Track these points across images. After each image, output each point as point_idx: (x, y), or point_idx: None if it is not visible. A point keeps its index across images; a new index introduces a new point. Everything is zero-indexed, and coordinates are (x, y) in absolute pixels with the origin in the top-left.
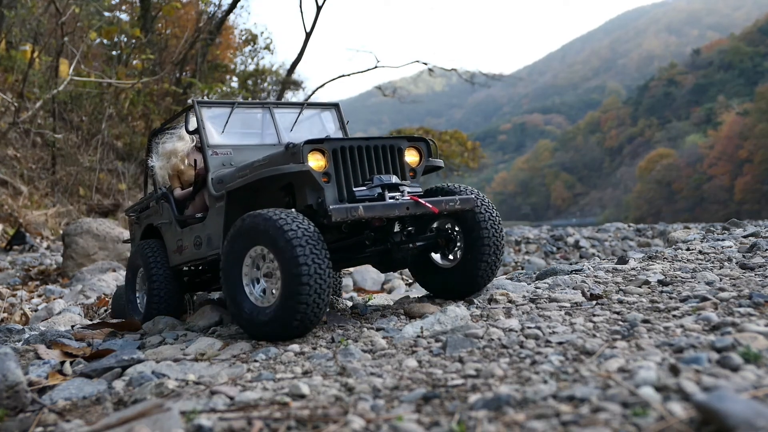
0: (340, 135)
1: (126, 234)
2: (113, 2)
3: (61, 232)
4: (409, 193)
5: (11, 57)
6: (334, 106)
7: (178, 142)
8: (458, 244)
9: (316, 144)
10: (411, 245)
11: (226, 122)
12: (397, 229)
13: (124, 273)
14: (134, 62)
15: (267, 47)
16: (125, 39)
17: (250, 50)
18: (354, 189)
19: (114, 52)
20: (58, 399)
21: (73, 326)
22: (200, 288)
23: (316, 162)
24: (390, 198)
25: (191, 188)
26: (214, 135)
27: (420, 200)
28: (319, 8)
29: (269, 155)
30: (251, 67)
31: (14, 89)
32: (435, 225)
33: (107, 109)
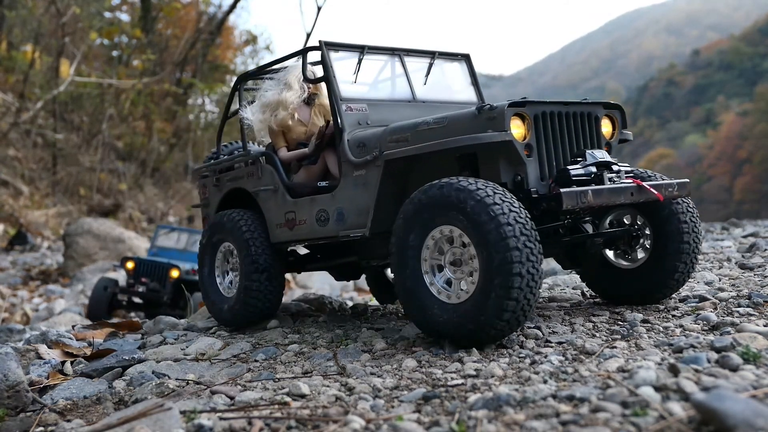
0: (472, 91)
1: (127, 234)
2: (114, 3)
3: (61, 232)
4: (627, 174)
5: (12, 57)
6: (464, 57)
7: (287, 92)
8: (642, 240)
9: (518, 107)
10: (598, 239)
11: (357, 71)
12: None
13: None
14: (135, 63)
15: (267, 47)
16: (126, 39)
17: (250, 50)
18: (567, 167)
19: (114, 53)
20: (58, 399)
21: (73, 326)
22: (294, 270)
23: (516, 130)
24: (608, 180)
25: (301, 149)
26: (346, 86)
27: (644, 184)
28: (319, 9)
29: (445, 117)
30: (251, 68)
31: (15, 90)
32: (611, 217)
33: (108, 109)
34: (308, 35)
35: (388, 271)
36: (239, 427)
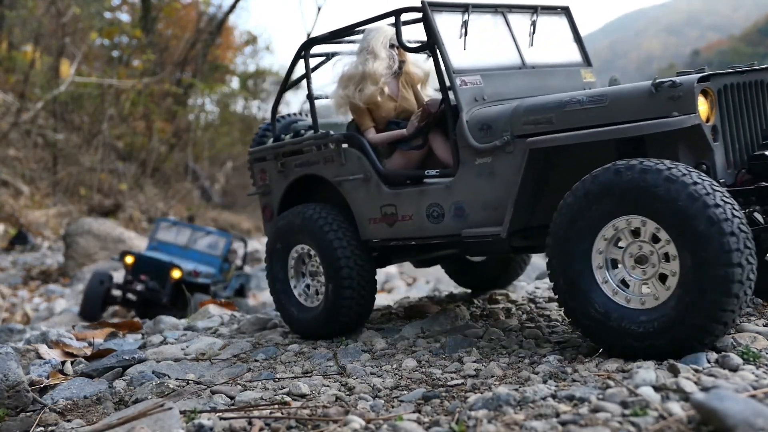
0: (576, 50)
1: (127, 234)
2: (114, 3)
3: (62, 232)
4: None
5: (12, 58)
6: (564, 10)
7: (374, 62)
8: None
9: (704, 82)
10: None
11: (464, 35)
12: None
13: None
14: (135, 63)
15: (267, 48)
16: (126, 39)
17: (250, 51)
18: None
19: (115, 53)
20: (59, 398)
21: (74, 326)
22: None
23: (701, 107)
24: None
25: (393, 129)
26: (456, 54)
27: None
28: (319, 9)
29: (604, 94)
30: (251, 68)
31: (15, 90)
32: None
33: (108, 109)
34: (308, 35)
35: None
36: (239, 427)
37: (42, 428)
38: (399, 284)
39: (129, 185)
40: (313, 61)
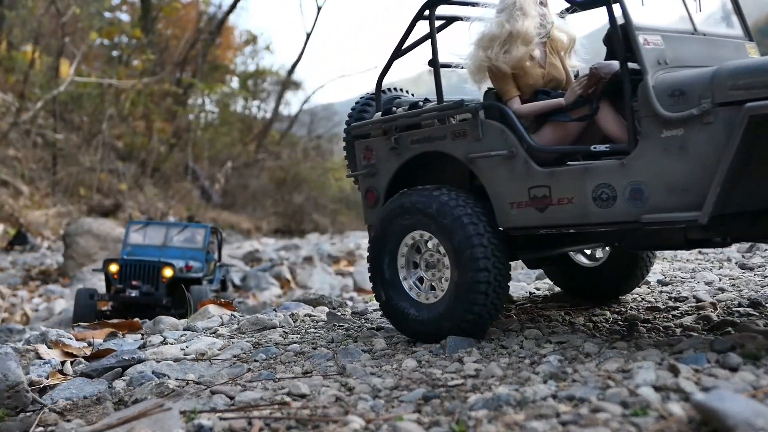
0: (737, 23)
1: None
2: (114, 3)
3: (61, 232)
4: None
5: (12, 57)
6: None
7: (525, 21)
8: None
9: None
10: None
11: None
12: None
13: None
14: (135, 63)
15: (267, 47)
16: (126, 39)
17: (250, 50)
18: None
19: (114, 53)
20: (58, 399)
21: (73, 326)
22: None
23: None
24: None
25: (542, 99)
26: (634, 10)
27: None
28: (319, 9)
29: None
30: (251, 68)
31: (15, 90)
32: None
33: (108, 109)
34: (308, 35)
35: (580, 256)
36: (239, 427)
37: (42, 428)
38: None
39: (129, 185)
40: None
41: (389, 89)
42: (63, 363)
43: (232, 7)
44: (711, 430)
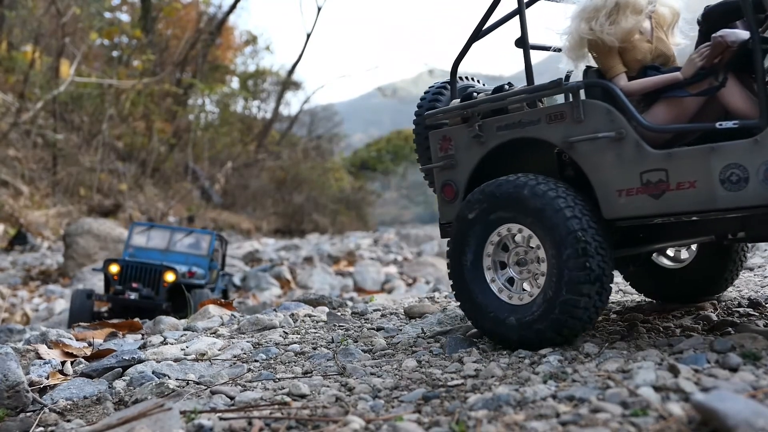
0: None
1: (127, 234)
2: (114, 3)
3: (61, 232)
4: None
5: (12, 58)
6: None
7: None
8: None
9: None
10: None
11: None
12: None
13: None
14: (135, 63)
15: (267, 48)
16: (126, 40)
17: (250, 51)
18: None
19: (115, 53)
20: (58, 399)
21: (74, 326)
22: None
23: None
24: None
25: (652, 75)
26: None
27: None
28: (319, 9)
29: None
30: (251, 68)
31: (15, 90)
32: None
33: (108, 109)
34: (308, 35)
35: (663, 258)
36: (239, 427)
37: (42, 428)
38: (399, 284)
39: (129, 185)
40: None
41: (461, 78)
42: (63, 363)
43: (232, 7)
44: (711, 430)
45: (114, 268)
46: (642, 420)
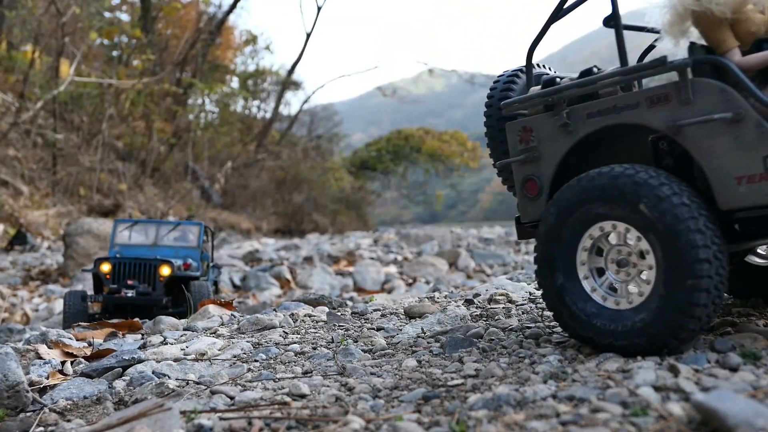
0: None
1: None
2: (114, 3)
3: (61, 232)
4: None
5: (12, 57)
6: None
7: None
8: None
9: None
10: None
11: None
12: None
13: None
14: (135, 63)
15: (267, 47)
16: (126, 39)
17: (250, 51)
18: None
19: (114, 53)
20: (58, 399)
21: (73, 326)
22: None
23: None
24: None
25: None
26: None
27: None
28: (319, 9)
29: None
30: (251, 68)
31: (15, 90)
32: None
33: (108, 109)
34: (308, 35)
35: (754, 256)
36: (239, 427)
37: (42, 428)
38: (399, 284)
39: (129, 185)
40: None
41: (539, 64)
42: (63, 363)
43: (232, 7)
44: (711, 430)
45: (106, 267)
46: (642, 420)
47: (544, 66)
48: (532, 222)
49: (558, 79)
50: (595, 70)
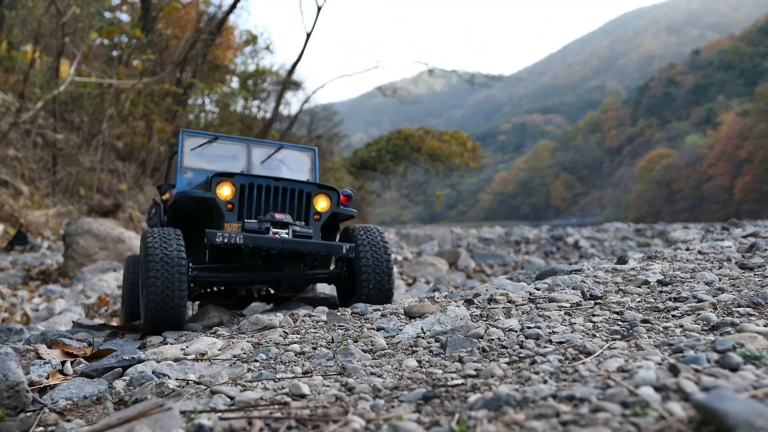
0: None
1: (127, 234)
2: (114, 3)
3: (61, 232)
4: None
5: (12, 57)
6: None
7: None
8: None
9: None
10: None
11: None
12: None
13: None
14: (135, 63)
15: (267, 47)
16: (126, 39)
17: (250, 50)
18: None
19: (114, 53)
20: (58, 399)
21: (73, 326)
22: None
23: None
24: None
25: None
26: None
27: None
28: (319, 9)
29: None
30: (251, 68)
31: (15, 90)
32: None
33: (108, 109)
34: (308, 35)
35: None
36: (239, 427)
37: (42, 428)
38: (399, 284)
39: (129, 185)
40: None
41: None
42: (63, 363)
43: (232, 7)
44: (711, 430)
45: (226, 191)
46: (642, 420)
47: None
48: None
49: None
50: None
